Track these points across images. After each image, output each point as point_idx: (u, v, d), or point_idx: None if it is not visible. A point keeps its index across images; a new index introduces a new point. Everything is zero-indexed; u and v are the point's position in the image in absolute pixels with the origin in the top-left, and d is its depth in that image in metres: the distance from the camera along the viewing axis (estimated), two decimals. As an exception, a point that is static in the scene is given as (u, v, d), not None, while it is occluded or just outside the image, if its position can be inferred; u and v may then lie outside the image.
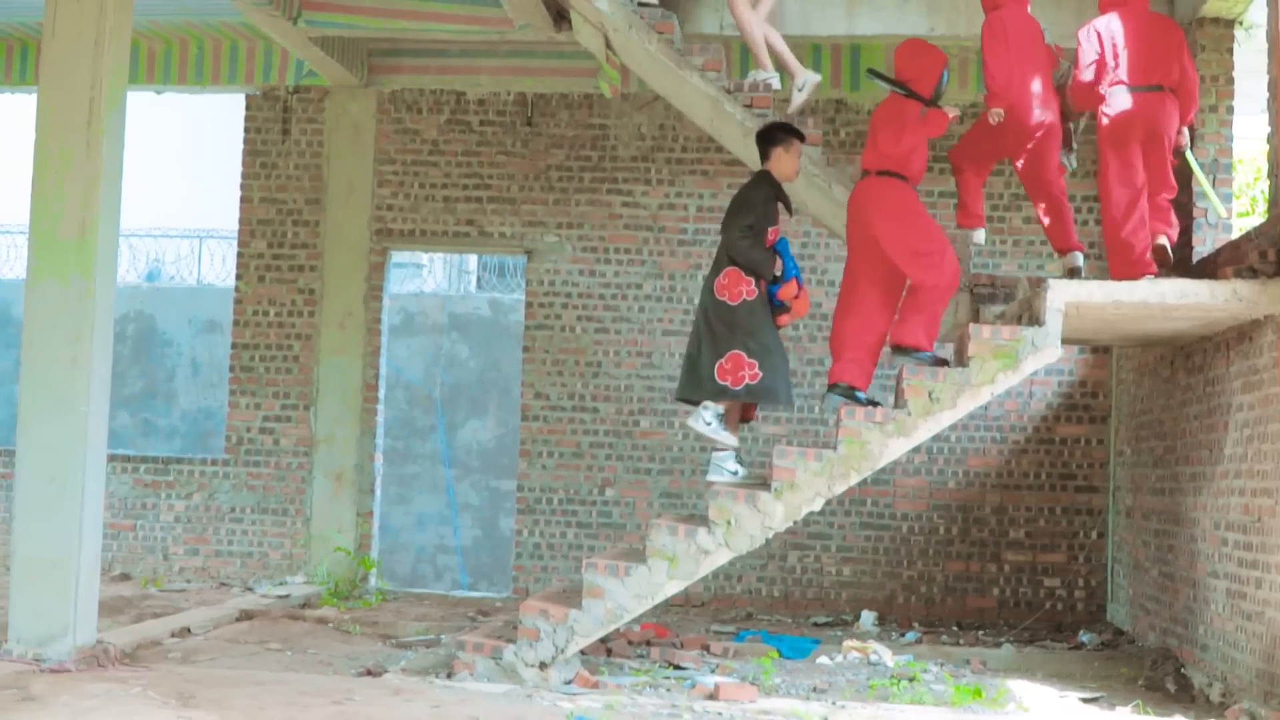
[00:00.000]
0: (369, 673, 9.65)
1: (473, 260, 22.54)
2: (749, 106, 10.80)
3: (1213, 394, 10.31)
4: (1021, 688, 9.94)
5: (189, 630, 11.31)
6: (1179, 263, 11.25)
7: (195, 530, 14.71)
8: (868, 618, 13.35)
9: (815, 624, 13.37)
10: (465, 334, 19.68)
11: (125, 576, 14.48)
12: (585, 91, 14.46)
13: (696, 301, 10.03)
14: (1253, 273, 9.08)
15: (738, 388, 9.59)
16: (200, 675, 9.09)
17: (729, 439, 9.79)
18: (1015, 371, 9.35)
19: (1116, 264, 9.73)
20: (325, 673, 9.76)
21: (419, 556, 19.24)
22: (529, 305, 14.58)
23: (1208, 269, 10.32)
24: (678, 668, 10.35)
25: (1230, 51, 11.12)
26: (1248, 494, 9.41)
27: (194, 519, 14.72)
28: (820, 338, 14.08)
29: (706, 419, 9.70)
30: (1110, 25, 9.82)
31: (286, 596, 13.27)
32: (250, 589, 13.92)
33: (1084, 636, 12.70)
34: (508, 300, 19.79)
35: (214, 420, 19.18)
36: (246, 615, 12.29)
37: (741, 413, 10.07)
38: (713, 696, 8.98)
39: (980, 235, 10.76)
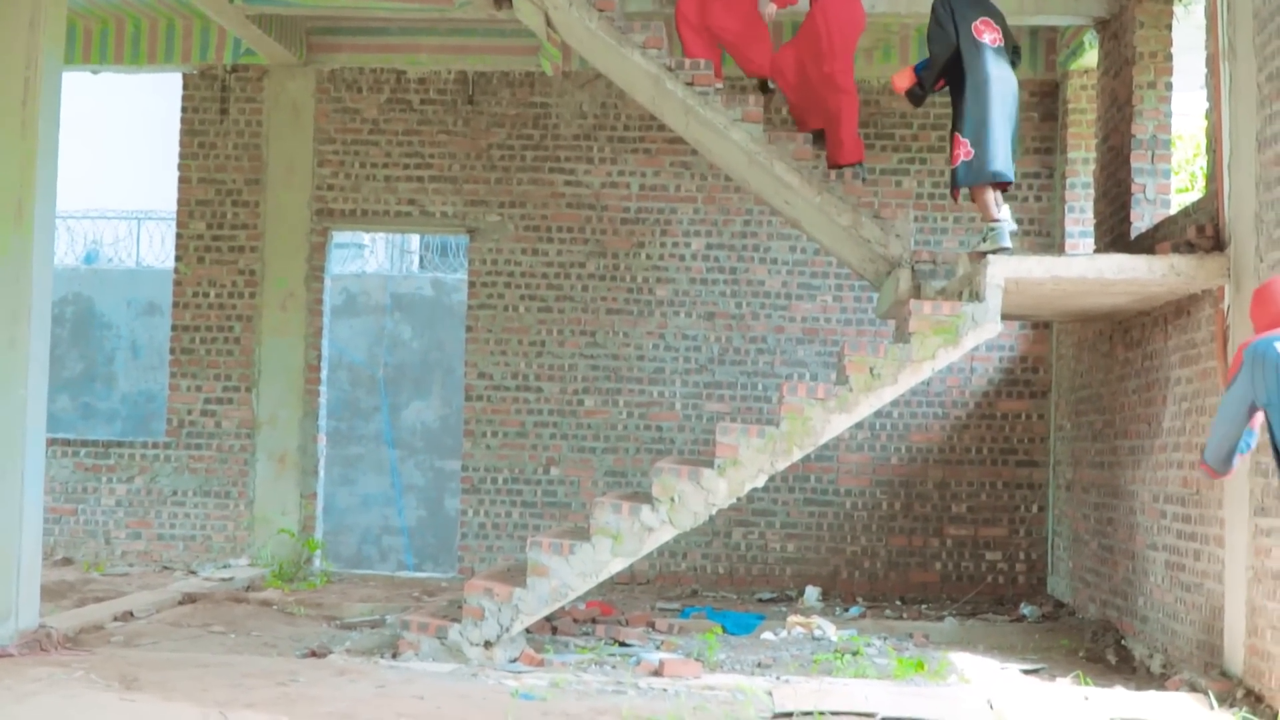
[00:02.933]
0: (314, 654, 9.63)
1: (415, 240, 22.46)
2: (690, 84, 10.80)
3: (1151, 368, 10.41)
4: (963, 660, 10.01)
5: (131, 614, 11.25)
6: (1118, 238, 11.35)
7: (137, 514, 14.62)
8: (812, 593, 13.42)
9: (760, 600, 13.42)
10: (408, 314, 19.62)
11: (67, 561, 14.38)
12: (526, 70, 14.43)
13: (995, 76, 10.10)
14: (1190, 248, 9.14)
15: None
16: (143, 658, 9.06)
17: None
18: (956, 347, 9.41)
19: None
20: (269, 654, 9.73)
21: (364, 538, 19.19)
22: (472, 285, 14.54)
23: (1146, 244, 10.41)
24: (623, 645, 10.38)
25: (1169, 28, 11.19)
26: (1186, 467, 9.51)
27: (136, 502, 14.63)
28: (762, 315, 14.14)
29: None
30: None
31: (230, 579, 13.22)
32: (193, 572, 13.85)
33: (1025, 609, 12.81)
34: (450, 280, 19.73)
35: (155, 403, 19.06)
36: (189, 598, 12.23)
37: None
38: (658, 673, 9.02)
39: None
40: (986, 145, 9.86)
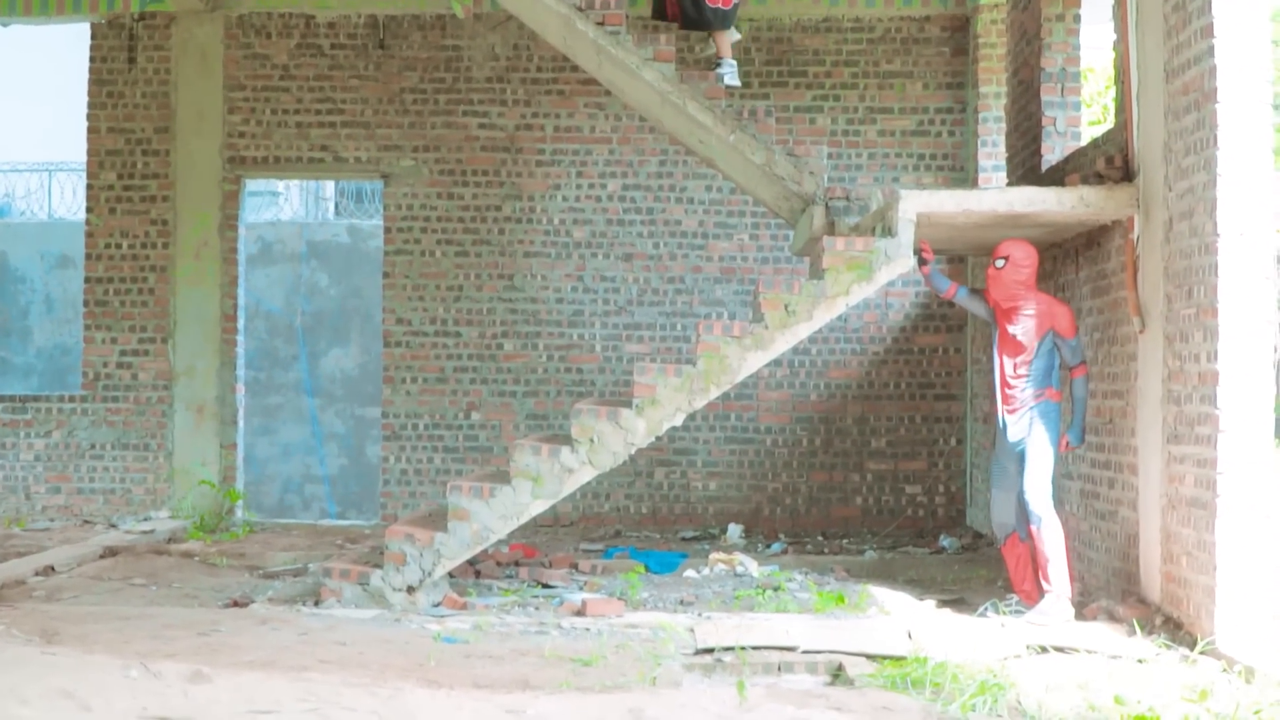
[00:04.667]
0: (236, 604, 9.61)
1: (330, 187, 22.29)
2: (600, 24, 10.77)
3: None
4: (883, 593, 10.11)
5: (53, 568, 11.18)
6: (1030, 171, 11.43)
7: (56, 468, 14.51)
8: (734, 530, 13.51)
9: (683, 539, 13.50)
10: (324, 261, 19.51)
11: (-13, 517, 14.27)
12: (437, 12, 14.32)
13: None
14: (1099, 179, 9.22)
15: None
16: (64, 612, 9.01)
17: None
18: (870, 282, 9.45)
19: None
20: (191, 606, 9.70)
21: (286, 487, 19.13)
22: (388, 231, 14.48)
23: (1056, 177, 10.49)
24: (546, 586, 10.42)
25: (1077, -41, 11.26)
26: (1099, 396, 9.62)
27: (54, 457, 14.52)
28: (680, 255, 14.17)
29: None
30: None
31: (151, 532, 13.15)
32: (114, 525, 13.77)
33: (945, 541, 12.96)
34: (366, 226, 19.62)
35: (70, 356, 18.88)
36: (110, 552, 12.15)
37: None
38: (580, 613, 9.07)
39: None
40: None
